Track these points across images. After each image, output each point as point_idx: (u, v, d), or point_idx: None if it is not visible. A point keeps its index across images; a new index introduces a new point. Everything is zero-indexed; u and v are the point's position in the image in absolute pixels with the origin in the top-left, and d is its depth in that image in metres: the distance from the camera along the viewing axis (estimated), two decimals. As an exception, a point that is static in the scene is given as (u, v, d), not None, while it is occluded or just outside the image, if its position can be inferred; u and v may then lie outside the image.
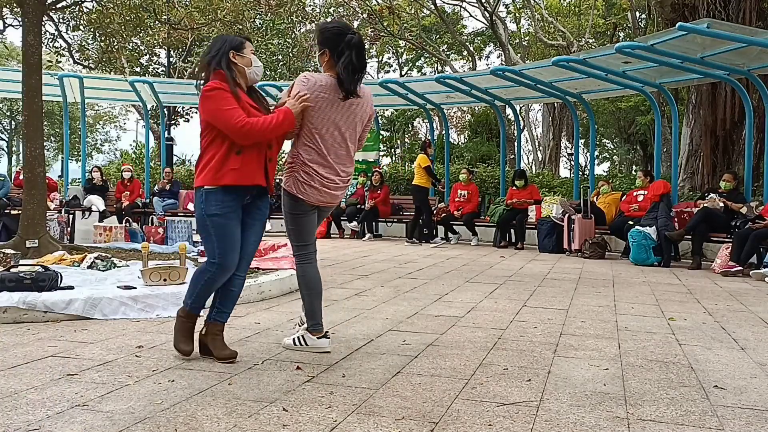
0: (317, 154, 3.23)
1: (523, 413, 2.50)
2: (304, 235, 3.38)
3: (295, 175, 3.24)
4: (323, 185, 3.25)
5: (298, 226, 3.36)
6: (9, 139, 39.79)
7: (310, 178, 3.22)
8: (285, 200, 3.33)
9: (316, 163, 3.23)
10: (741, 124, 11.82)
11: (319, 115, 3.19)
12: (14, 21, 9.06)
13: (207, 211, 3.04)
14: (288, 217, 3.36)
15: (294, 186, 3.25)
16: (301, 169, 3.23)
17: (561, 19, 25.16)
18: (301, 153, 3.23)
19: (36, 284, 4.25)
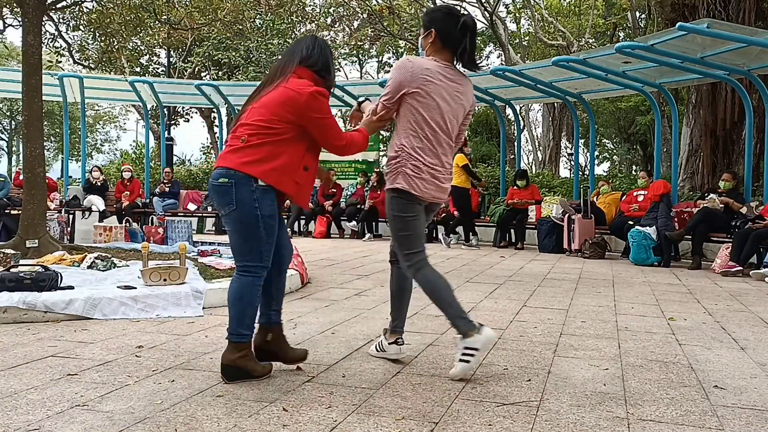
0: (424, 144, 2.95)
1: (523, 413, 2.50)
2: (419, 240, 3.03)
3: (404, 170, 2.94)
4: (434, 176, 2.97)
5: (413, 230, 3.00)
6: (9, 139, 39.79)
7: (419, 171, 2.94)
8: (394, 204, 3.00)
9: (424, 153, 2.95)
10: (741, 124, 11.82)
11: (425, 101, 2.93)
12: (14, 21, 9.06)
13: (262, 212, 2.76)
14: (398, 222, 3.00)
15: (405, 181, 2.93)
16: (408, 162, 2.93)
17: (561, 19, 25.16)
18: (405, 144, 2.95)
19: (36, 284, 4.25)
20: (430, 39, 3.02)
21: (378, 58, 32.03)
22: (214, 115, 24.08)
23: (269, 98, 2.82)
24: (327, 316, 4.38)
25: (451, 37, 2.98)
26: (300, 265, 5.93)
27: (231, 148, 2.81)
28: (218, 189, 2.79)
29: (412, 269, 3.01)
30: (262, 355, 2.96)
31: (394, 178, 2.97)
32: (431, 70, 2.94)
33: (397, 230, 3.02)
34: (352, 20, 25.38)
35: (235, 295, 2.83)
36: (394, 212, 3.01)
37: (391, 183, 2.98)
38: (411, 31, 26.18)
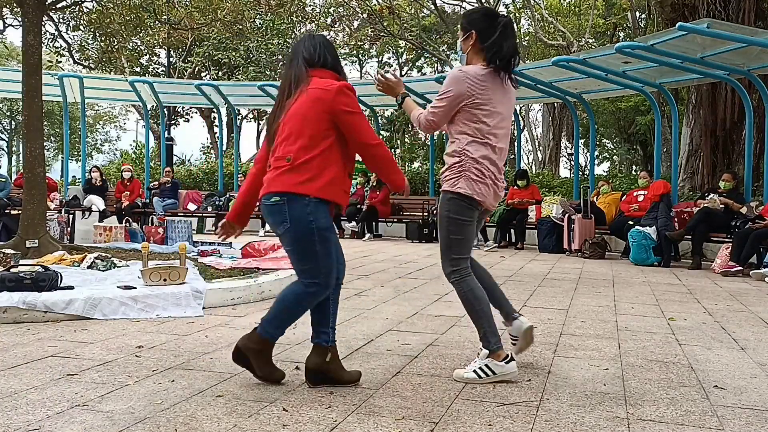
0: (487, 151, 2.93)
1: (523, 413, 2.50)
2: (468, 246, 3.00)
3: (467, 174, 2.90)
4: (494, 183, 2.96)
5: (465, 235, 2.97)
6: (9, 139, 39.80)
7: (483, 176, 2.91)
8: (452, 206, 2.94)
9: (487, 159, 2.93)
10: (741, 124, 11.82)
11: (485, 109, 2.92)
12: (14, 21, 9.07)
13: (318, 224, 2.67)
14: (453, 225, 2.95)
15: (468, 186, 2.90)
16: (472, 167, 2.90)
17: (561, 19, 25.15)
18: (468, 150, 2.92)
19: (36, 284, 4.25)
20: (471, 41, 3.00)
21: (378, 58, 32.04)
22: (214, 115, 24.09)
23: (298, 108, 2.71)
24: (327, 316, 4.38)
25: (491, 38, 2.95)
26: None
27: (279, 170, 2.70)
28: (271, 209, 2.72)
29: (455, 275, 2.97)
30: (319, 377, 2.79)
31: (455, 182, 2.93)
32: (485, 76, 2.92)
33: (449, 233, 2.97)
34: (352, 20, 25.40)
35: (283, 295, 2.79)
36: (450, 214, 2.95)
37: (452, 186, 2.94)
38: (411, 31, 26.19)
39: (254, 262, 6.06)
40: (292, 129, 2.71)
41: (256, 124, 32.08)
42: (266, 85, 13.48)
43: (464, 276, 2.96)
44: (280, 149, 2.73)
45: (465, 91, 2.89)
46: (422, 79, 14.01)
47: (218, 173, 15.33)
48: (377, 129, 16.27)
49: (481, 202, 2.94)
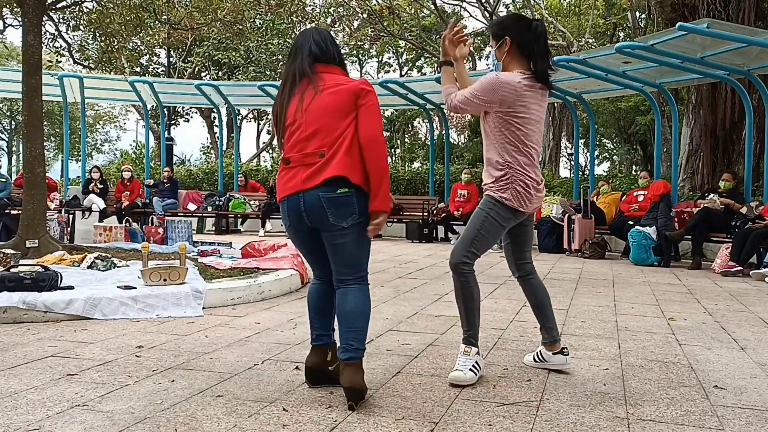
0: (528, 159, 2.95)
1: (523, 413, 2.50)
2: (489, 246, 3.05)
3: (514, 187, 2.92)
4: (537, 190, 3.00)
5: (493, 237, 3.00)
6: (9, 139, 39.80)
7: (527, 188, 2.94)
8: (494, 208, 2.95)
9: (530, 168, 2.95)
10: (741, 124, 11.82)
11: (524, 117, 2.91)
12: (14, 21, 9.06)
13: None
14: (488, 224, 2.95)
15: (514, 198, 2.93)
16: (519, 179, 2.93)
17: (561, 19, 25.15)
18: (511, 161, 2.93)
19: (36, 284, 4.25)
20: (506, 47, 2.98)
21: (378, 58, 32.05)
22: (214, 115, 24.09)
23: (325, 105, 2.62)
24: (327, 316, 4.37)
25: (526, 43, 2.94)
26: (300, 265, 5.93)
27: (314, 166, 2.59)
28: (338, 200, 2.56)
29: (465, 268, 2.95)
30: (320, 377, 2.78)
31: (503, 192, 2.94)
32: (522, 84, 2.89)
33: (479, 227, 2.95)
34: (352, 20, 25.39)
35: (363, 307, 2.64)
36: (490, 213, 2.95)
37: (499, 193, 2.95)
38: (411, 31, 26.20)
39: (254, 262, 6.06)
40: (321, 126, 2.62)
41: (256, 124, 32.08)
42: (266, 85, 13.48)
43: (471, 272, 2.97)
44: (311, 145, 2.61)
45: (498, 99, 2.88)
46: (422, 79, 14.01)
47: (218, 173, 15.33)
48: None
49: (524, 212, 2.99)
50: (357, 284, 2.66)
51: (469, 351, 2.93)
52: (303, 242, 2.78)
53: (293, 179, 2.64)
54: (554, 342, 3.12)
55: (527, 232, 3.17)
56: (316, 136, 2.62)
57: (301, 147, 2.64)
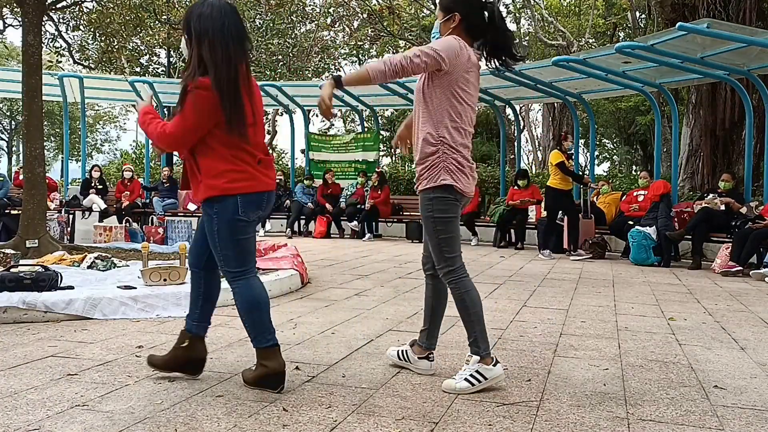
0: (463, 137, 2.76)
1: (523, 413, 2.50)
2: (458, 241, 2.84)
3: (447, 166, 2.72)
4: (472, 171, 2.82)
5: (454, 232, 2.81)
6: (9, 139, 39.80)
7: (462, 167, 2.75)
8: (435, 203, 2.77)
9: (464, 147, 2.77)
10: (741, 124, 11.82)
11: (467, 90, 2.73)
12: (14, 21, 9.07)
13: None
14: (439, 224, 2.78)
15: (451, 177, 2.72)
16: (450, 157, 2.73)
17: (561, 19, 25.15)
18: (445, 137, 2.73)
19: (36, 284, 4.25)
20: (453, 24, 2.79)
21: (378, 58, 32.03)
22: (214, 115, 24.01)
23: (259, 105, 2.78)
24: (327, 316, 4.38)
25: (475, 22, 2.79)
26: (300, 265, 5.93)
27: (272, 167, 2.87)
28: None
29: (452, 275, 2.80)
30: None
31: (436, 175, 2.73)
32: (472, 57, 2.75)
33: (438, 233, 2.78)
34: (352, 20, 25.39)
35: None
36: (435, 214, 2.77)
37: (433, 181, 2.74)
38: (411, 31, 26.18)
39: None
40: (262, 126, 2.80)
41: (256, 124, 31.99)
42: (266, 85, 13.47)
43: (461, 276, 2.81)
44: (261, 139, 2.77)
45: (454, 62, 2.68)
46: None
47: (218, 173, 15.29)
48: (377, 129, 16.26)
49: (464, 194, 2.80)
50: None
51: (469, 359, 2.80)
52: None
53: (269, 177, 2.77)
54: (427, 348, 3.03)
55: None
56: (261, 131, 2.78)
57: (264, 148, 2.78)
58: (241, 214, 2.65)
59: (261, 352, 2.71)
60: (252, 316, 2.71)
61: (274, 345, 2.72)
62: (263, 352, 2.70)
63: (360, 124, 15.84)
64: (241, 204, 2.64)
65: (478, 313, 2.81)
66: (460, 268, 2.83)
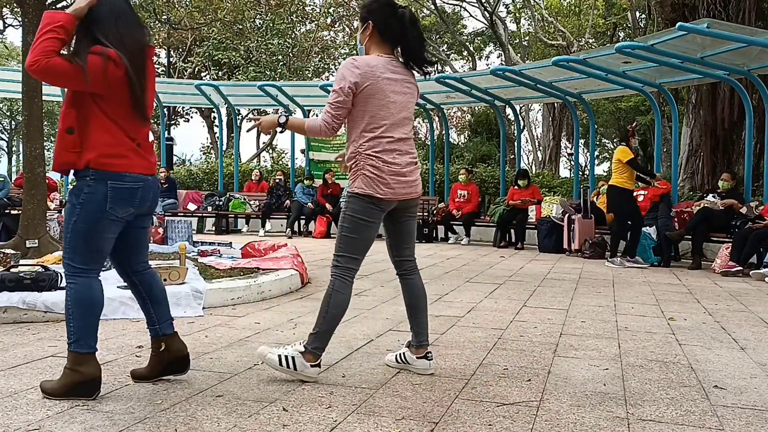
0: (381, 143, 2.83)
1: (523, 413, 2.50)
2: (362, 248, 2.92)
3: (363, 173, 2.82)
4: (397, 174, 2.86)
5: (359, 235, 2.88)
6: (9, 139, 39.80)
7: (380, 172, 2.82)
8: (351, 203, 2.86)
9: (383, 153, 2.83)
10: (741, 124, 11.83)
11: (378, 99, 2.81)
12: (14, 21, 9.07)
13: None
14: (350, 224, 2.86)
15: (365, 184, 2.82)
16: (366, 164, 2.81)
17: (561, 19, 25.16)
18: (362, 145, 2.83)
19: (36, 284, 4.25)
20: (368, 32, 2.89)
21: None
22: (214, 115, 24.08)
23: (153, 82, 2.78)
24: (327, 316, 4.37)
25: (389, 29, 2.86)
26: (300, 265, 5.93)
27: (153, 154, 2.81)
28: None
29: (335, 270, 2.87)
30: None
31: (354, 181, 2.85)
32: (378, 65, 2.82)
33: (342, 230, 2.88)
34: (352, 20, 25.39)
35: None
36: (347, 212, 2.87)
37: (351, 186, 2.86)
38: (411, 31, 26.12)
39: (254, 262, 6.06)
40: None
41: (256, 124, 32.00)
42: (266, 85, 13.48)
43: (344, 275, 2.87)
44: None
45: (355, 79, 2.77)
46: (422, 79, 14.00)
47: (218, 173, 15.32)
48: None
49: (383, 199, 2.83)
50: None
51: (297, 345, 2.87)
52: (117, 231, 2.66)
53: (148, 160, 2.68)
54: (420, 346, 3.03)
55: (406, 229, 3.06)
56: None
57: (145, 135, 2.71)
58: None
59: (78, 357, 2.56)
60: (84, 319, 2.57)
61: (94, 352, 2.61)
62: (81, 358, 2.56)
63: (360, 124, 15.83)
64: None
65: (335, 315, 2.85)
66: (348, 270, 2.88)
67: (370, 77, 2.79)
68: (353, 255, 2.89)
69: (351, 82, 2.77)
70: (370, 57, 2.87)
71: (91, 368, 2.57)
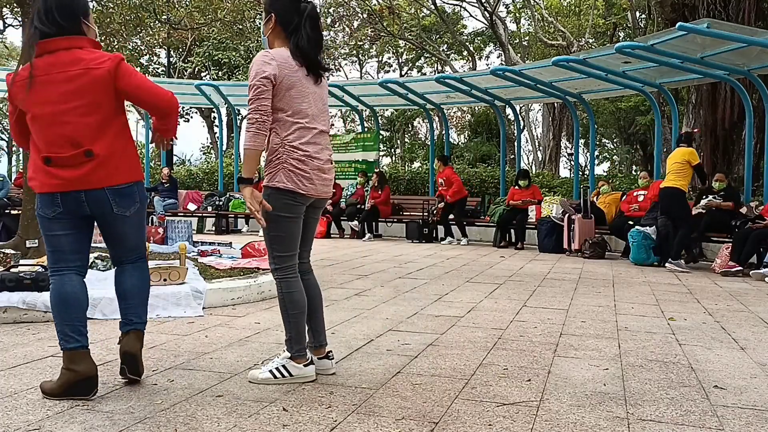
0: (304, 134, 2.77)
1: (523, 413, 2.50)
2: (293, 243, 2.85)
3: (285, 167, 2.74)
4: (319, 169, 2.80)
5: (288, 232, 2.81)
6: (9, 139, 39.80)
7: (304, 165, 2.75)
8: (272, 200, 2.75)
9: (306, 145, 2.77)
10: (741, 124, 11.82)
11: (295, 90, 2.75)
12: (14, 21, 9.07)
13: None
14: (273, 222, 2.77)
15: (287, 179, 2.74)
16: (290, 157, 2.74)
17: (561, 19, 25.17)
18: (285, 138, 2.75)
19: (36, 284, 4.25)
20: (271, 24, 2.82)
21: (378, 58, 32.04)
22: (214, 115, 24.08)
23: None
24: (327, 316, 4.36)
25: (292, 23, 2.78)
26: (300, 265, 5.92)
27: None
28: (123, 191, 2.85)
29: (278, 273, 2.82)
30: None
31: (274, 175, 2.75)
32: (289, 58, 2.76)
33: (269, 229, 2.80)
34: (352, 20, 25.40)
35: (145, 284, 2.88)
36: (272, 212, 2.76)
37: (271, 180, 2.76)
38: (411, 31, 26.20)
39: (254, 262, 6.06)
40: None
41: (256, 124, 31.98)
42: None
43: (287, 276, 2.82)
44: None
45: (276, 72, 2.70)
46: (422, 79, 14.02)
47: (218, 173, 15.33)
48: (377, 129, 16.27)
49: (305, 195, 2.78)
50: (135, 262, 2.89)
51: (281, 353, 2.84)
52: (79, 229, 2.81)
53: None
54: (320, 346, 2.99)
55: (310, 228, 2.97)
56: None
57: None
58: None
59: (70, 354, 2.60)
60: (60, 315, 2.64)
61: (84, 347, 2.63)
62: (72, 355, 2.59)
63: (360, 124, 15.85)
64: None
65: (296, 316, 2.83)
66: (288, 268, 2.83)
67: (285, 69, 2.73)
68: (287, 252, 2.83)
69: (268, 73, 2.69)
70: (281, 50, 2.78)
71: (84, 366, 2.58)
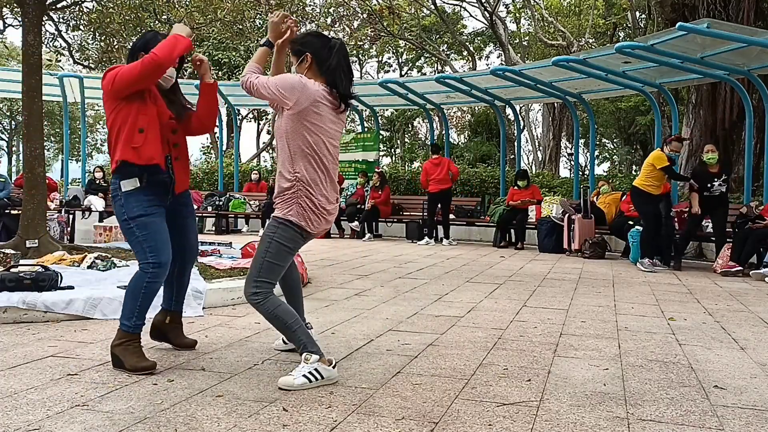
0: (319, 175, 2.87)
1: (523, 413, 2.50)
2: (280, 273, 2.94)
3: (299, 203, 2.83)
4: (325, 210, 2.90)
5: (284, 263, 2.90)
6: (9, 139, 39.79)
7: (314, 207, 2.85)
8: (280, 230, 2.85)
9: (320, 186, 2.87)
10: (741, 124, 11.81)
11: (320, 125, 2.84)
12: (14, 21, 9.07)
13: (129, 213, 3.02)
14: (275, 250, 2.85)
15: (299, 216, 2.84)
16: (304, 196, 2.83)
17: (561, 19, 25.17)
18: (302, 175, 2.84)
19: (36, 284, 4.25)
20: (306, 63, 2.93)
21: (378, 58, 32.04)
22: (214, 115, 24.01)
23: None
24: (327, 316, 4.38)
25: (327, 60, 2.90)
26: (300, 265, 5.92)
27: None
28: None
29: (257, 297, 2.85)
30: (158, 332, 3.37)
31: (287, 209, 2.85)
32: (321, 94, 2.85)
33: (267, 255, 2.85)
34: (352, 20, 25.38)
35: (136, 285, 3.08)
36: (275, 238, 2.85)
37: (283, 212, 2.86)
38: (411, 31, 26.20)
39: (254, 262, 6.05)
40: None
41: (256, 124, 32.10)
42: (266, 85, 13.45)
43: (266, 297, 2.86)
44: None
45: (295, 99, 2.80)
46: (422, 79, 14.02)
47: (218, 173, 15.33)
48: (377, 129, 16.26)
49: (311, 233, 2.91)
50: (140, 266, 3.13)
51: (309, 358, 2.81)
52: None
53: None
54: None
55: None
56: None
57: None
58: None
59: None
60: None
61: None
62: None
63: (360, 124, 15.85)
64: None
65: (294, 322, 2.87)
66: (268, 291, 2.87)
67: (315, 97, 2.82)
68: (274, 280, 2.90)
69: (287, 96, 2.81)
70: (316, 84, 2.87)
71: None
